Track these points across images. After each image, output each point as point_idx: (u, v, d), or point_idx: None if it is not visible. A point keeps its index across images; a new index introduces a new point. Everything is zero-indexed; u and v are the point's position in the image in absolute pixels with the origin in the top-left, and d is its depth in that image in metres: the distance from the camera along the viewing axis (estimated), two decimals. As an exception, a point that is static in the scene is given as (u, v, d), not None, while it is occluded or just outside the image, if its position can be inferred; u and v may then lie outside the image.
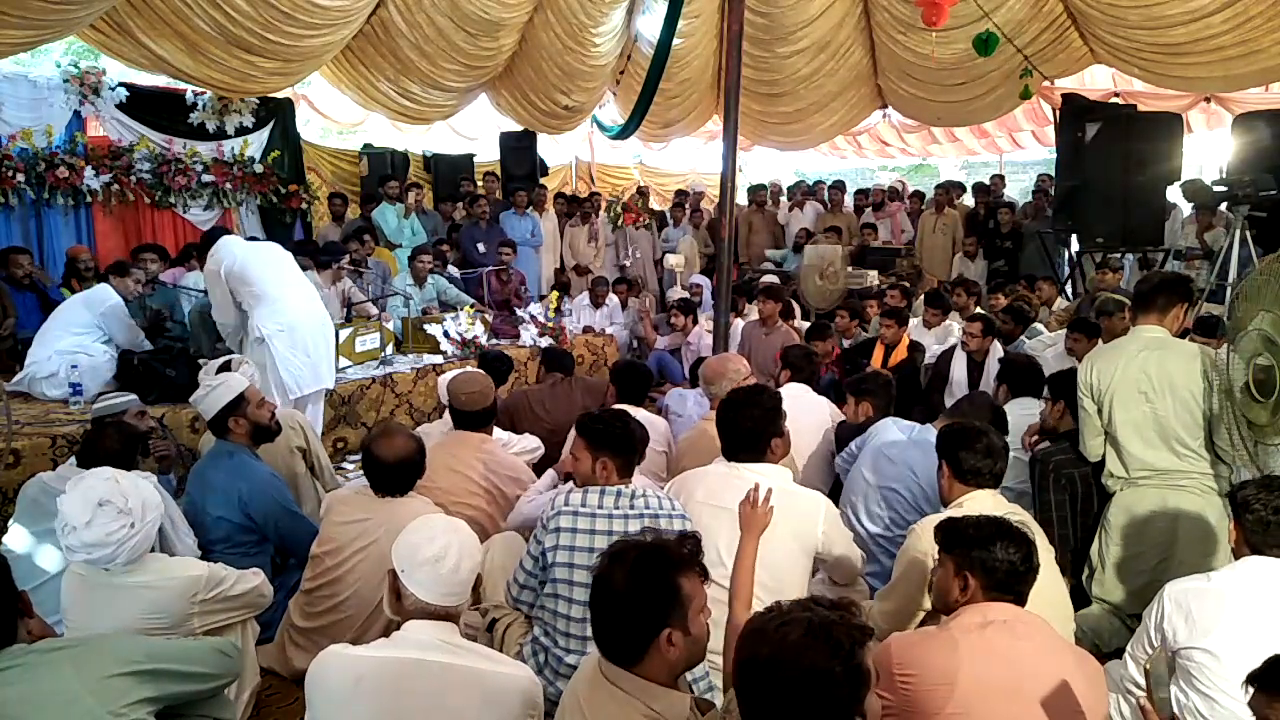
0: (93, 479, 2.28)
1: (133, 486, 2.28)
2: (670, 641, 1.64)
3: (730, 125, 4.81)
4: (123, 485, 2.26)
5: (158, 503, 2.33)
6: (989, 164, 14.19)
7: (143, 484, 2.34)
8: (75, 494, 2.23)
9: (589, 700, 1.70)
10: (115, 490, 2.23)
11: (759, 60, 9.75)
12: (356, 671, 1.82)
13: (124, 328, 4.75)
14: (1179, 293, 3.24)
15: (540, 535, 2.46)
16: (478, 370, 3.84)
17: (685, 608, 1.67)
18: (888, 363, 5.42)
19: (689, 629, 1.67)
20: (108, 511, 2.19)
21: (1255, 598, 2.11)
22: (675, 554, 1.73)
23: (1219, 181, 5.50)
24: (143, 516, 2.24)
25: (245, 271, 4.22)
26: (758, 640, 1.43)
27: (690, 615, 1.68)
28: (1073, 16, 8.06)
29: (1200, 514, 3.05)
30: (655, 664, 1.66)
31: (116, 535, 2.19)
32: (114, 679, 1.76)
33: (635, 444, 2.60)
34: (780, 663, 1.38)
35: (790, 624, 1.41)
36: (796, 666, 1.37)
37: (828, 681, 1.36)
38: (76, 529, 2.18)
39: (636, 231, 9.96)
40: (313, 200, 8.59)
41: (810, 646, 1.37)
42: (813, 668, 1.36)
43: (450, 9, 7.73)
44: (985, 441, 2.60)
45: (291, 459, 3.68)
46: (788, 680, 1.37)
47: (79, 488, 2.25)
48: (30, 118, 6.40)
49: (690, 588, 1.70)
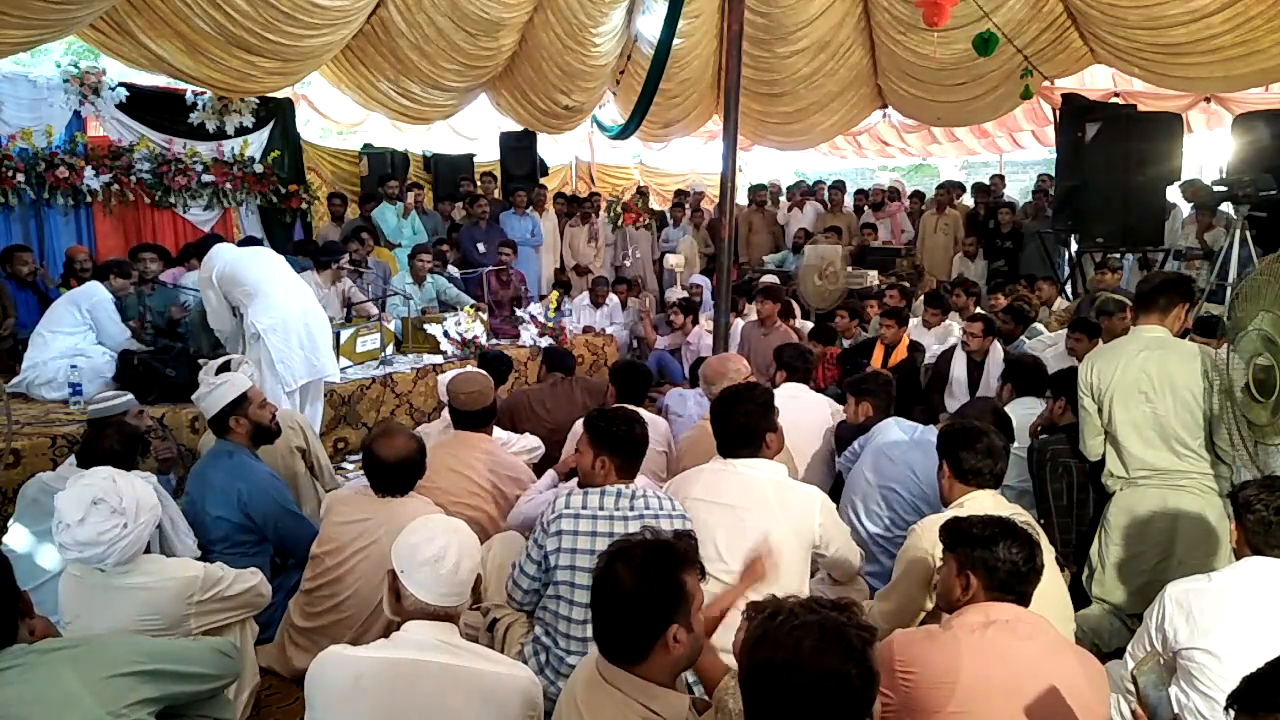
0: (90, 477, 2.28)
1: (129, 487, 2.28)
2: (676, 639, 1.65)
3: (730, 125, 4.81)
4: (119, 485, 2.26)
5: (153, 504, 2.33)
6: (989, 164, 14.18)
7: (140, 484, 2.33)
8: (71, 492, 2.23)
9: (586, 701, 1.71)
10: (111, 490, 2.23)
11: (759, 60, 9.75)
12: (356, 672, 1.81)
13: (110, 325, 4.76)
14: (1180, 292, 3.24)
15: (541, 539, 2.46)
16: (478, 370, 3.84)
17: (689, 605, 1.69)
18: (888, 363, 5.42)
19: (692, 626, 1.69)
20: (101, 510, 2.19)
21: (1256, 598, 2.10)
22: (679, 552, 1.74)
23: (1219, 181, 5.50)
24: (135, 517, 2.24)
25: (236, 273, 4.27)
26: (770, 647, 1.40)
27: (693, 612, 1.70)
28: (1073, 16, 8.06)
29: (1200, 514, 3.05)
30: (658, 662, 1.67)
31: (108, 535, 2.19)
32: (114, 679, 1.75)
33: (636, 446, 2.59)
34: (795, 668, 1.36)
35: (802, 629, 1.39)
36: (813, 672, 1.35)
37: (845, 685, 1.35)
38: (70, 526, 2.18)
39: (636, 231, 9.96)
40: (313, 200, 8.59)
41: (825, 650, 1.36)
42: (831, 672, 1.35)
43: (450, 9, 7.73)
44: (986, 442, 2.60)
45: (291, 459, 3.68)
46: (804, 686, 1.35)
47: (75, 486, 2.25)
48: (30, 118, 6.39)
49: (692, 585, 1.71)
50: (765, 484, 2.60)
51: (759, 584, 2.43)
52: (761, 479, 2.61)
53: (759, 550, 2.48)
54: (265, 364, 4.19)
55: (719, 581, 2.51)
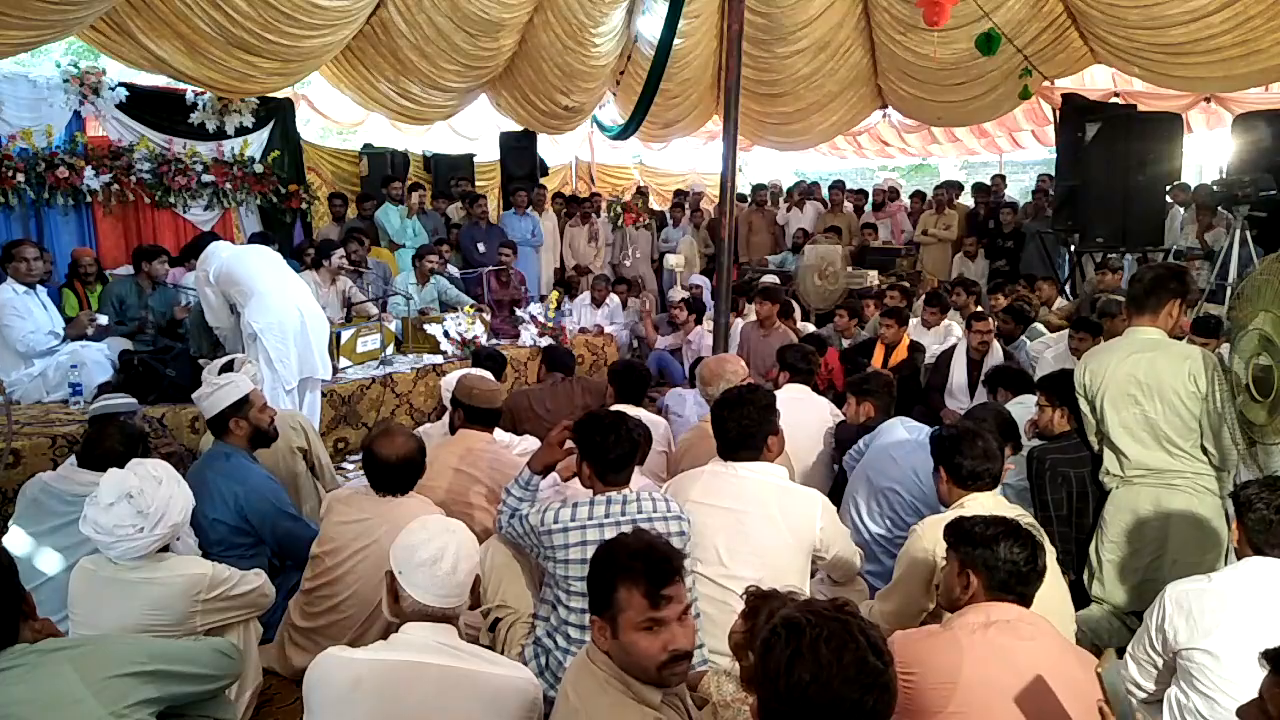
0: (143, 468, 2.31)
1: (166, 496, 2.29)
2: (600, 632, 1.72)
3: (730, 125, 4.80)
4: (160, 491, 2.28)
5: (176, 522, 2.33)
6: (989, 164, 14.19)
7: (180, 499, 2.34)
8: (119, 474, 2.27)
9: (574, 682, 1.77)
10: (147, 491, 2.26)
11: (759, 60, 9.75)
12: (354, 675, 1.81)
13: (14, 323, 4.57)
14: (1168, 289, 3.18)
15: (533, 543, 2.49)
16: (489, 373, 3.84)
17: (614, 611, 1.69)
18: (888, 363, 5.42)
19: (616, 633, 1.69)
20: (129, 506, 2.22)
21: (1256, 598, 2.10)
22: (621, 556, 1.72)
23: (1219, 182, 5.50)
24: (153, 527, 2.26)
25: (232, 271, 4.26)
26: (798, 666, 1.32)
27: (620, 621, 1.68)
28: (1073, 16, 8.06)
29: (1193, 513, 3.05)
30: (608, 650, 1.73)
31: (123, 530, 2.21)
32: (116, 679, 1.75)
33: (609, 457, 2.48)
34: (823, 685, 1.31)
35: (831, 643, 1.32)
36: (845, 692, 1.30)
37: (870, 705, 1.32)
38: (99, 505, 2.22)
39: (636, 231, 9.96)
40: (313, 200, 8.58)
41: (855, 666, 1.31)
42: (854, 704, 1.30)
43: (450, 9, 7.73)
44: (982, 445, 2.58)
45: (292, 459, 3.68)
46: (834, 705, 1.31)
47: (128, 470, 2.29)
48: (30, 118, 6.39)
49: (624, 596, 1.68)
50: (766, 488, 2.59)
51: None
52: (762, 482, 2.60)
53: (759, 554, 2.48)
54: (264, 362, 4.19)
55: (719, 586, 2.51)
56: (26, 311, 4.66)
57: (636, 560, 1.70)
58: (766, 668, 1.36)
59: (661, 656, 1.66)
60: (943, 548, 2.12)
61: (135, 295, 5.45)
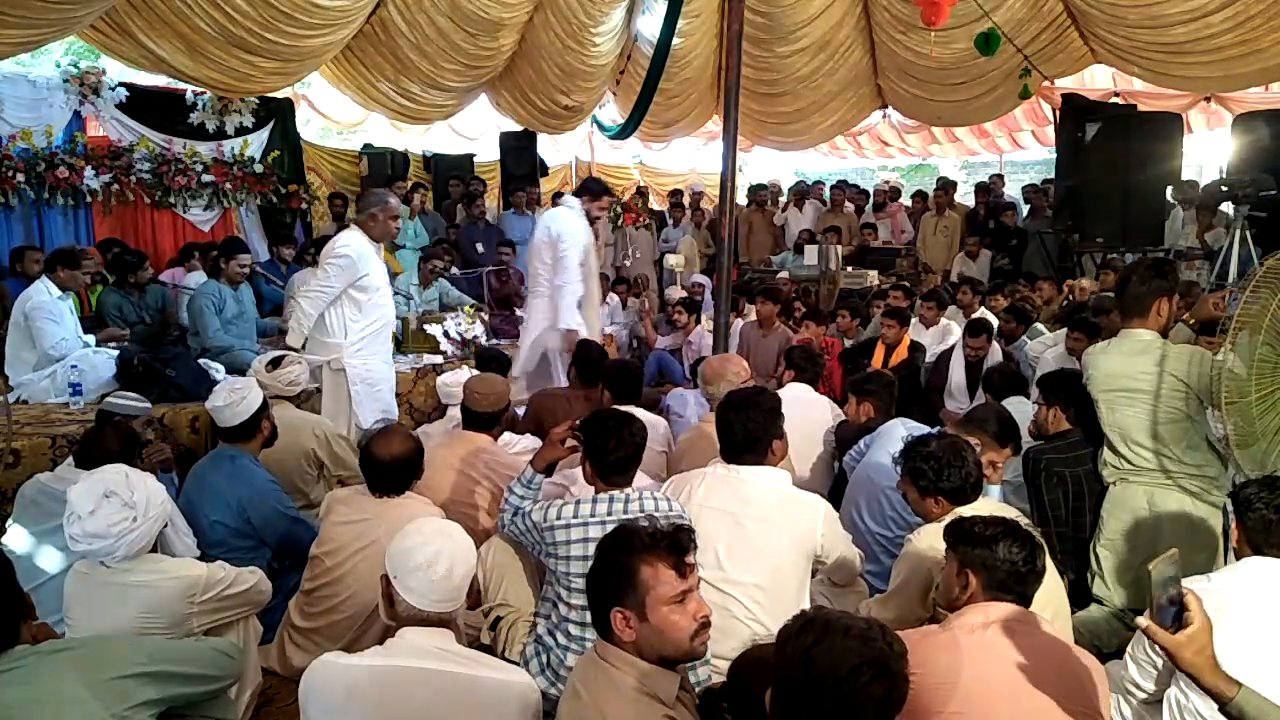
0: (103, 472, 2.30)
1: (140, 482, 2.30)
2: (625, 623, 1.69)
3: (730, 125, 4.80)
4: (131, 480, 2.28)
5: (162, 500, 2.34)
6: (989, 164, 14.18)
7: (151, 481, 2.35)
8: (84, 484, 2.25)
9: (583, 679, 1.76)
10: (123, 484, 2.25)
11: (759, 60, 9.74)
12: (348, 682, 1.80)
13: (48, 327, 4.55)
14: (1153, 288, 3.14)
15: (535, 540, 2.48)
16: (498, 376, 3.82)
17: (640, 592, 1.68)
18: (888, 363, 5.42)
19: (645, 615, 1.68)
20: (113, 503, 2.21)
21: (1256, 598, 2.10)
22: (640, 537, 1.73)
23: (1219, 181, 5.50)
24: (145, 512, 2.25)
25: (359, 263, 4.19)
26: (819, 690, 1.41)
27: (649, 602, 1.68)
28: (1073, 16, 8.06)
29: (1186, 512, 3.05)
30: (621, 641, 1.71)
31: (118, 527, 2.20)
32: (116, 681, 1.75)
33: (609, 460, 2.50)
34: (839, 671, 1.40)
35: (850, 633, 1.43)
36: (865, 706, 1.40)
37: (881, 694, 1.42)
38: (81, 518, 2.20)
39: (636, 231, 9.96)
40: (313, 200, 8.59)
41: (874, 680, 1.40)
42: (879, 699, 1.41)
43: (450, 9, 7.73)
44: (961, 464, 2.52)
45: (303, 463, 3.70)
46: (850, 694, 1.40)
47: (88, 479, 2.27)
48: (30, 118, 6.39)
49: (650, 575, 1.69)
50: (768, 492, 2.58)
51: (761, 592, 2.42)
52: (765, 487, 2.59)
53: (759, 558, 2.47)
54: (381, 359, 4.41)
55: (718, 590, 2.51)
56: (60, 316, 4.65)
57: (658, 537, 1.73)
58: (785, 654, 1.45)
59: (694, 626, 1.71)
60: (939, 556, 2.11)
61: (129, 301, 5.46)
